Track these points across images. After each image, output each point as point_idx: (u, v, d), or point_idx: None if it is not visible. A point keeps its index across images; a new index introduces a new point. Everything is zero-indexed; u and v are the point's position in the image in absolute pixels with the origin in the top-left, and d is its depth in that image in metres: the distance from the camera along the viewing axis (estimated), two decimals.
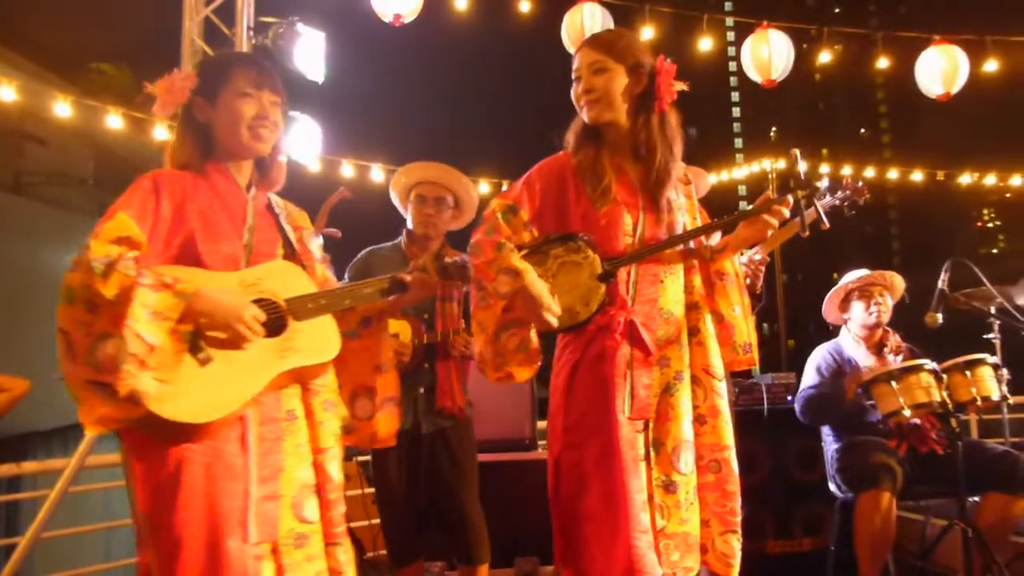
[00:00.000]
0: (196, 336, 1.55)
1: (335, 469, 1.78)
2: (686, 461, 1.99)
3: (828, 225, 2.10)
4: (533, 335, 1.99)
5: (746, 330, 2.17)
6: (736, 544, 2.02)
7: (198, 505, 1.53)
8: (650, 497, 1.95)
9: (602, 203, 2.02)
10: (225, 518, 1.55)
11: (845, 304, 3.48)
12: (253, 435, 1.63)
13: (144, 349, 1.45)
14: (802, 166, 2.09)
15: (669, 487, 1.97)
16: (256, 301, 1.66)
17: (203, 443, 1.56)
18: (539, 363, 2.01)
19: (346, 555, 1.75)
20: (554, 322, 1.92)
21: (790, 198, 2.06)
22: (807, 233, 2.11)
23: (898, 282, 3.48)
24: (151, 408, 1.47)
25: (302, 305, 1.72)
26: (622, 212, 2.03)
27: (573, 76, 2.12)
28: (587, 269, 1.98)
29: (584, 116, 2.10)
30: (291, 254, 1.84)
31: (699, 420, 2.06)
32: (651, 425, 2.00)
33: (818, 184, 2.09)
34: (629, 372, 1.98)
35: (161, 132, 4.64)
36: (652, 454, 1.98)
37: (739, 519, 2.04)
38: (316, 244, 1.93)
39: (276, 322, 1.68)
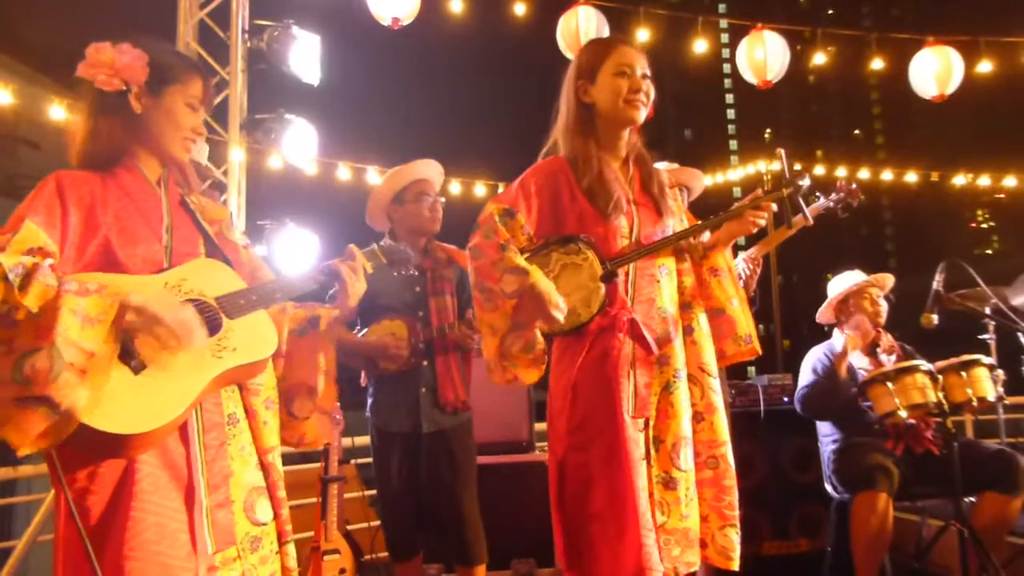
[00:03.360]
0: (127, 342, 1.46)
1: (280, 466, 1.75)
2: (685, 457, 2.02)
3: (812, 222, 2.20)
4: (539, 336, 1.99)
5: (746, 321, 2.23)
6: (735, 537, 2.04)
7: (148, 519, 1.47)
8: (650, 494, 1.97)
9: (616, 215, 2.06)
10: (175, 532, 1.50)
11: (843, 306, 3.49)
12: (198, 444, 1.58)
13: (82, 357, 1.35)
14: (786, 165, 2.17)
15: (668, 483, 1.99)
16: (184, 303, 1.59)
17: (147, 456, 1.50)
18: (544, 364, 2.01)
19: (294, 551, 1.74)
20: (561, 318, 1.92)
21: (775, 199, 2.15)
22: (792, 229, 2.24)
23: (889, 281, 3.50)
24: (85, 421, 1.37)
25: (233, 303, 1.65)
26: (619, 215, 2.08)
27: (636, 73, 2.12)
28: (587, 271, 2.00)
29: (637, 115, 2.12)
30: (213, 250, 1.76)
31: (696, 418, 2.09)
32: (651, 423, 2.02)
33: (800, 182, 2.14)
34: (632, 371, 2.00)
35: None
36: (652, 452, 2.00)
37: (737, 513, 2.07)
38: (238, 232, 1.87)
39: (209, 322, 1.60)
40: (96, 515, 1.46)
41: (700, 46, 5.97)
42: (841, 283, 3.53)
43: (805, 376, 3.45)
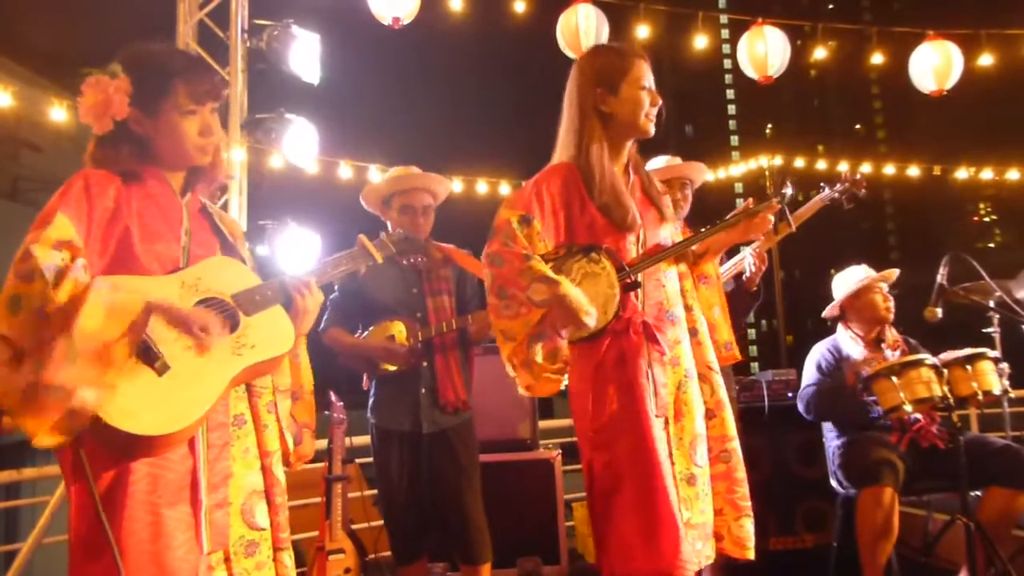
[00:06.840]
0: (150, 345, 1.48)
1: (280, 472, 1.75)
2: (701, 454, 2.08)
3: (794, 228, 2.30)
4: (564, 346, 2.00)
5: (726, 329, 2.34)
6: (750, 527, 2.11)
7: (144, 518, 1.49)
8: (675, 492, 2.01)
9: (633, 228, 2.11)
10: (172, 531, 1.50)
11: (852, 301, 3.47)
12: (202, 442, 1.59)
13: (99, 348, 1.39)
14: (776, 180, 2.27)
15: (690, 480, 2.05)
16: (201, 301, 1.61)
17: (151, 454, 1.51)
18: (564, 375, 2.01)
19: (291, 560, 1.73)
20: (592, 323, 1.93)
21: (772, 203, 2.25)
22: (779, 236, 2.35)
23: (894, 276, 3.49)
24: (112, 423, 1.40)
25: (250, 299, 1.67)
26: None
27: (653, 87, 2.16)
28: (605, 279, 2.04)
29: (651, 129, 2.17)
30: (229, 252, 1.79)
31: (708, 415, 2.16)
32: (670, 422, 2.06)
33: (784, 191, 2.25)
34: (650, 372, 2.04)
35: None
36: (673, 450, 2.04)
37: (749, 504, 2.13)
38: (247, 249, 1.90)
39: (227, 320, 1.62)
40: (96, 517, 1.47)
41: (700, 42, 5.94)
42: (846, 279, 3.51)
43: (809, 373, 3.44)
